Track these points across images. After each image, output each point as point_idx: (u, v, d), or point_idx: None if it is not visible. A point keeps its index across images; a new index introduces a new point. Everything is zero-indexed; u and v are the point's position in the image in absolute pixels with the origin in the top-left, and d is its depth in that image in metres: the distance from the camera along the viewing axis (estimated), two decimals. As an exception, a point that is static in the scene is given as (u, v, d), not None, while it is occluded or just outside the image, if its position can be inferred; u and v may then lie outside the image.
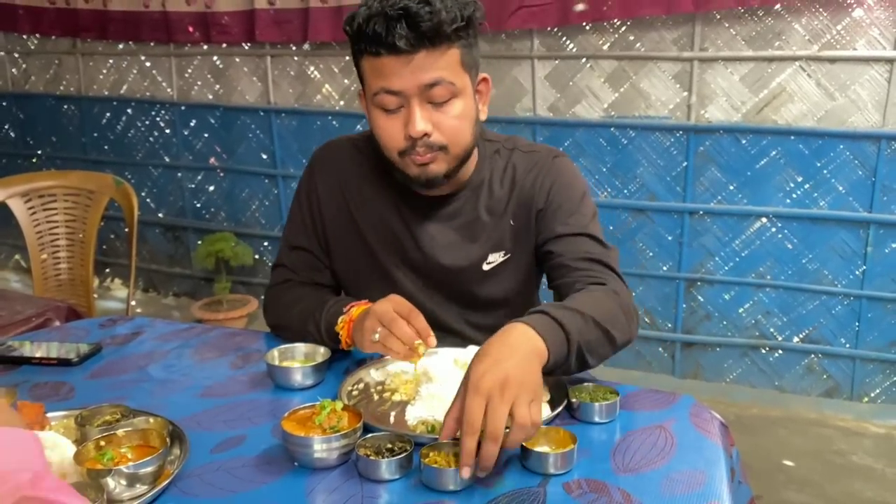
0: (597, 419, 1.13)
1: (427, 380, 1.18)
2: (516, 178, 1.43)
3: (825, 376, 3.20)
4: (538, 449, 1.00)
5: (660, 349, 3.44)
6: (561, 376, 1.20)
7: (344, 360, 1.38)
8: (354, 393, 1.23)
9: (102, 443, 0.98)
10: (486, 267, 1.44)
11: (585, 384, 1.19)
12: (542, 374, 1.04)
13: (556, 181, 1.41)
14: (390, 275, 1.46)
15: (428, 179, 1.31)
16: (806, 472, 2.70)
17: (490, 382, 0.95)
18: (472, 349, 1.20)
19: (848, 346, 3.14)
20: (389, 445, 1.01)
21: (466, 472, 0.93)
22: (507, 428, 0.95)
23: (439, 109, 1.25)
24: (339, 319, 1.32)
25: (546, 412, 1.11)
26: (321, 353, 1.31)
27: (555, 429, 1.04)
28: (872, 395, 3.16)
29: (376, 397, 1.22)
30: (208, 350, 1.45)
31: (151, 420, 1.07)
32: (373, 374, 1.28)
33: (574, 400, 1.14)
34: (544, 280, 1.51)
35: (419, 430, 1.09)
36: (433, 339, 1.20)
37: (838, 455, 2.81)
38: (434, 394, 1.15)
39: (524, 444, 1.00)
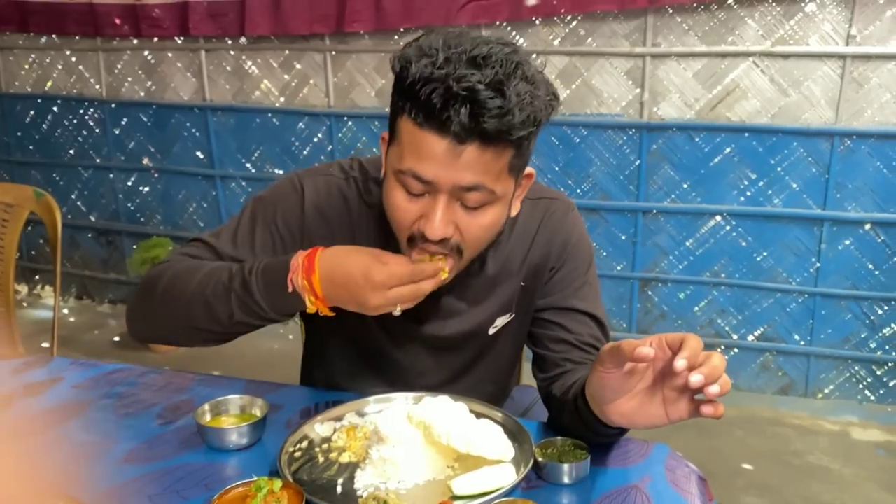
0: (566, 480, 1.03)
1: (378, 440, 1.06)
2: (528, 233, 1.27)
3: (780, 374, 3.19)
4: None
5: (615, 350, 3.37)
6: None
7: (284, 413, 1.25)
8: (297, 454, 1.10)
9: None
10: (491, 331, 1.32)
11: (553, 439, 1.09)
12: None
13: (569, 240, 1.29)
14: (373, 336, 1.30)
15: None
16: (764, 475, 2.67)
17: None
18: (428, 402, 1.09)
19: (802, 343, 3.13)
20: (337, 528, 0.90)
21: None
22: None
23: (468, 213, 1.06)
24: (293, 265, 1.06)
25: (511, 476, 1.00)
26: (259, 405, 1.18)
27: (521, 502, 0.93)
28: (826, 391, 3.16)
29: (321, 458, 1.09)
30: (132, 402, 1.30)
31: (61, 507, 0.93)
32: (318, 430, 1.16)
33: (541, 459, 1.04)
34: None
35: (370, 504, 0.98)
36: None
37: (795, 456, 2.79)
38: (386, 458, 1.03)
39: None
